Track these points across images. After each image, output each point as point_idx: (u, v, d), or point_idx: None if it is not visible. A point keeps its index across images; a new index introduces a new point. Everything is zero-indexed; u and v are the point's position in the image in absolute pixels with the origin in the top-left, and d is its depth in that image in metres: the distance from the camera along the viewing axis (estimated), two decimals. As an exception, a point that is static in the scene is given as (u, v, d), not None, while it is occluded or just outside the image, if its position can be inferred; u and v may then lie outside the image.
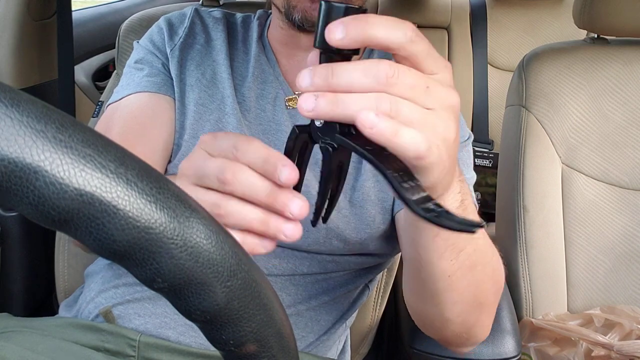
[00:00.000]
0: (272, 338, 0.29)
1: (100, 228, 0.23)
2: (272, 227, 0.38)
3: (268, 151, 0.38)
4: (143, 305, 0.69)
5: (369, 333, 0.97)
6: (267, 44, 0.80)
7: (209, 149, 0.40)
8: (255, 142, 0.39)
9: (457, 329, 0.61)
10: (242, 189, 0.38)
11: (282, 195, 0.38)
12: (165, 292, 0.26)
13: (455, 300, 0.56)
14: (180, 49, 0.78)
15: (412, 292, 0.63)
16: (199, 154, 0.41)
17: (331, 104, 0.34)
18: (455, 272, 0.52)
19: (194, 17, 0.81)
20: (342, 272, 0.77)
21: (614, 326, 0.93)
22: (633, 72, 1.03)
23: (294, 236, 0.39)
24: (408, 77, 0.35)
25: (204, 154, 0.40)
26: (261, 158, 0.38)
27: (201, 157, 0.40)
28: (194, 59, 0.77)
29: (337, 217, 0.72)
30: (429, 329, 0.66)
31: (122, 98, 0.75)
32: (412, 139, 0.34)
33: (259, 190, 0.38)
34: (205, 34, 0.80)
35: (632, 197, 1.03)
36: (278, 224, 0.38)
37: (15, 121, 0.21)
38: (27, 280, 1.10)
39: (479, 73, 2.11)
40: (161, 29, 0.81)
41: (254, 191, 0.38)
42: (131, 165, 0.24)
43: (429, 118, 0.35)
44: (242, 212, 0.38)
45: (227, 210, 0.38)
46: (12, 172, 0.21)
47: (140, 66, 0.78)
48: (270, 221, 0.38)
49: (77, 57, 1.47)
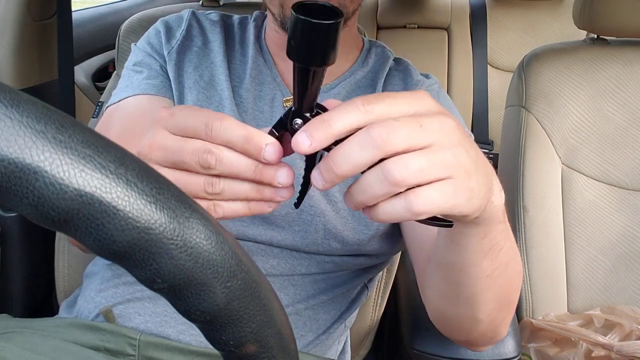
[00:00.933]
0: (272, 338, 0.29)
1: (100, 229, 0.23)
2: (267, 193, 0.39)
3: (246, 130, 0.37)
4: (143, 304, 0.69)
5: (368, 333, 0.97)
6: (264, 46, 0.80)
7: (171, 128, 0.39)
8: (228, 119, 0.38)
9: (486, 328, 0.60)
10: (228, 170, 0.38)
11: (266, 170, 0.38)
12: (165, 292, 0.26)
13: (489, 299, 0.56)
14: (177, 51, 0.78)
15: (443, 296, 0.61)
16: (161, 134, 0.39)
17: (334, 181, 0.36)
18: (494, 271, 0.52)
19: (191, 20, 0.82)
20: (341, 272, 0.77)
21: (614, 327, 0.93)
22: (633, 73, 1.03)
23: (288, 196, 0.40)
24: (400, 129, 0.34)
25: (166, 134, 0.39)
26: (241, 137, 0.37)
27: (167, 138, 0.39)
28: (192, 61, 0.77)
29: (335, 218, 0.72)
30: (455, 332, 0.65)
31: (120, 100, 0.75)
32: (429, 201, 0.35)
33: (245, 169, 0.38)
34: (202, 36, 0.80)
35: (632, 197, 1.03)
36: (271, 190, 0.39)
37: (15, 121, 0.21)
38: (27, 280, 1.10)
39: (479, 73, 2.11)
40: (158, 32, 0.81)
41: (240, 171, 0.38)
42: (131, 165, 0.24)
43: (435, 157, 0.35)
44: (235, 187, 0.39)
45: (221, 189, 0.39)
46: (12, 172, 0.21)
47: (139, 69, 0.78)
48: (264, 188, 0.39)
49: (77, 58, 1.47)
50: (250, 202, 0.40)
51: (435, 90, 0.80)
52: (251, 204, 0.40)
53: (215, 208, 0.40)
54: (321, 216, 0.71)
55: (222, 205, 0.40)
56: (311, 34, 0.34)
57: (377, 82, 0.79)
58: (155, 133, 0.40)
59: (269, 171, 0.38)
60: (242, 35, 0.82)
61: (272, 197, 0.39)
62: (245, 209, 0.40)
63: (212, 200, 0.40)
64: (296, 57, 0.36)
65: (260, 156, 0.37)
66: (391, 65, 0.82)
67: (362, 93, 0.78)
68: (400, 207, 0.35)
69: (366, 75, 0.80)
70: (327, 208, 0.72)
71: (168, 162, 0.39)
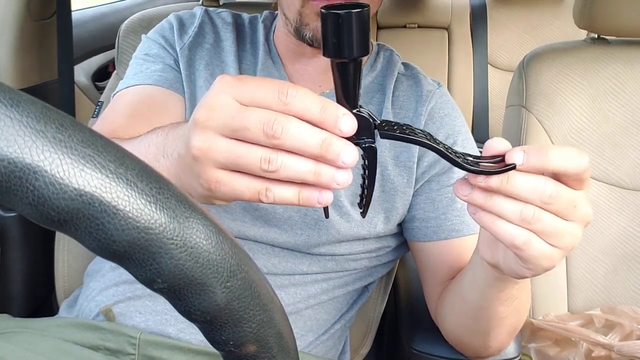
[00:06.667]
0: (272, 338, 0.29)
1: (100, 228, 0.23)
2: (325, 176, 0.37)
3: (322, 98, 0.36)
4: (144, 302, 0.69)
5: (369, 333, 0.96)
6: (272, 47, 0.79)
7: (240, 97, 0.37)
8: (303, 89, 0.36)
9: (494, 351, 0.70)
10: (291, 143, 0.35)
11: (333, 145, 0.36)
12: (165, 292, 0.26)
13: (500, 332, 0.65)
14: (189, 48, 0.78)
15: (461, 327, 0.70)
16: (227, 101, 0.37)
17: (484, 201, 0.41)
18: (508, 315, 0.61)
19: (203, 17, 0.82)
20: (342, 272, 0.77)
21: (614, 327, 0.93)
22: (633, 72, 1.03)
23: (346, 183, 0.37)
24: (565, 197, 0.40)
25: (231, 102, 0.37)
26: (319, 105, 0.36)
27: (232, 106, 0.37)
28: (203, 59, 0.77)
29: (339, 223, 0.72)
30: (466, 351, 0.73)
31: (131, 86, 0.75)
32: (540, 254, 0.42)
33: (311, 142, 0.36)
34: (214, 34, 0.80)
35: (632, 197, 1.02)
36: (330, 172, 0.37)
37: (15, 121, 0.21)
38: (27, 280, 1.10)
39: (479, 73, 2.11)
40: (172, 26, 0.80)
41: (305, 144, 0.36)
42: (131, 165, 0.24)
43: (562, 229, 0.41)
44: (294, 165, 0.36)
45: (278, 165, 0.36)
46: (11, 172, 0.21)
47: (151, 59, 0.77)
48: (322, 171, 0.37)
49: (77, 57, 1.46)
50: (302, 188, 0.38)
51: (446, 101, 0.79)
52: (302, 193, 0.38)
53: (267, 192, 0.38)
54: (325, 220, 0.71)
55: (273, 190, 0.37)
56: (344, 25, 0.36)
57: (386, 87, 0.78)
58: (218, 97, 0.37)
59: (335, 147, 0.36)
60: (252, 35, 0.81)
61: (329, 182, 0.37)
62: (295, 197, 0.38)
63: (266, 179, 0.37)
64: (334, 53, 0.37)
65: (336, 126, 0.36)
66: (399, 70, 0.81)
67: (370, 98, 0.77)
68: (512, 236, 0.41)
69: (374, 80, 0.79)
70: (331, 212, 0.71)
71: (227, 129, 0.36)
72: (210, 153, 0.37)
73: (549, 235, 0.41)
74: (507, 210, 0.40)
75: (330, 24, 0.36)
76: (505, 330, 0.65)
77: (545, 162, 0.39)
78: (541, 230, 0.41)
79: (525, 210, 0.40)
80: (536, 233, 0.41)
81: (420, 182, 0.75)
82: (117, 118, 0.71)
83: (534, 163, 0.39)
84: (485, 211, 0.41)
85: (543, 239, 0.41)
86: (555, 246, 0.42)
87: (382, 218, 0.74)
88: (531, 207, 0.40)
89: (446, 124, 0.77)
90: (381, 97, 0.77)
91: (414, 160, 0.74)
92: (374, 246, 0.76)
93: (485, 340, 0.67)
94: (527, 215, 0.40)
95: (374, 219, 0.74)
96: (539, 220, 0.40)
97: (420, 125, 0.76)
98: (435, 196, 0.74)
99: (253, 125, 0.35)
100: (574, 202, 0.41)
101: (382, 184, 0.74)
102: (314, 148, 0.36)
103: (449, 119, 0.77)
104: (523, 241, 0.41)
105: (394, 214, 0.74)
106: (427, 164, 0.74)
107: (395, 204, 0.74)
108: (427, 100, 0.77)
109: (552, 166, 0.39)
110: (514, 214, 0.40)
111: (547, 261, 0.42)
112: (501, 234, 0.41)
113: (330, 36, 0.37)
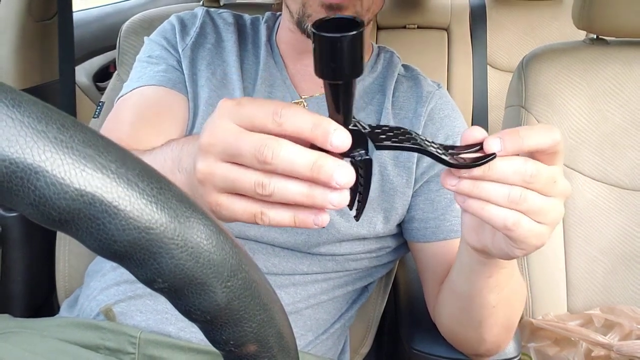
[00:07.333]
0: (272, 338, 0.29)
1: (100, 228, 0.23)
2: (319, 199, 0.37)
3: (314, 115, 0.36)
4: (144, 301, 0.69)
5: (369, 333, 0.97)
6: (275, 47, 0.80)
7: (239, 120, 0.37)
8: (295, 107, 0.37)
9: (490, 346, 0.69)
10: (283, 167, 0.36)
11: (325, 167, 0.36)
12: (166, 292, 0.26)
13: (494, 324, 0.65)
14: (191, 48, 0.78)
15: (454, 320, 0.70)
16: (227, 127, 0.37)
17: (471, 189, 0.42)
18: (499, 303, 0.61)
19: (204, 18, 0.82)
20: (342, 272, 0.77)
21: (613, 326, 0.93)
22: (632, 73, 1.03)
23: (342, 204, 0.37)
24: (544, 174, 0.42)
25: (232, 126, 0.37)
26: (310, 122, 0.36)
27: (231, 131, 0.37)
28: (205, 58, 0.77)
29: (339, 222, 0.72)
30: (464, 347, 0.73)
31: (134, 89, 0.75)
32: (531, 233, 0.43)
33: (302, 165, 0.36)
34: (216, 34, 0.80)
35: (631, 197, 1.03)
36: (323, 195, 0.37)
37: (16, 122, 0.21)
38: (28, 280, 1.10)
39: (479, 74, 2.10)
40: (174, 27, 0.81)
41: (297, 167, 0.36)
42: (132, 165, 0.24)
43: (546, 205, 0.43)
44: (286, 189, 0.36)
45: (271, 190, 0.36)
46: (13, 172, 0.21)
47: (154, 61, 0.78)
48: (315, 193, 0.37)
49: (78, 58, 1.47)
50: (297, 212, 0.38)
51: (446, 102, 0.80)
52: (297, 215, 0.38)
53: (262, 216, 0.38)
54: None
55: (268, 214, 0.38)
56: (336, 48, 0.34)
57: (386, 88, 0.78)
58: (218, 123, 0.38)
59: (326, 169, 0.36)
60: (254, 36, 0.81)
61: (323, 204, 0.37)
62: (291, 220, 0.38)
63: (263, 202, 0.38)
64: (324, 74, 0.35)
65: (328, 141, 0.36)
66: (399, 71, 0.81)
67: (371, 98, 0.78)
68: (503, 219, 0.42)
69: (374, 81, 0.80)
70: (332, 212, 0.72)
71: (226, 155, 0.37)
72: (211, 178, 0.38)
73: (536, 213, 0.43)
74: (495, 195, 0.42)
75: (323, 46, 0.34)
76: (498, 321, 0.64)
77: (520, 144, 0.41)
78: (528, 209, 0.42)
79: (512, 192, 0.42)
80: (524, 213, 0.42)
81: (419, 182, 0.75)
82: (120, 126, 0.71)
83: (511, 147, 0.41)
84: (474, 198, 0.42)
85: (531, 217, 0.43)
86: (543, 223, 0.43)
87: (381, 218, 0.74)
88: (517, 188, 0.42)
89: (446, 125, 0.77)
90: (381, 98, 0.77)
91: (414, 161, 0.74)
92: (374, 246, 0.77)
93: (480, 333, 0.66)
94: (514, 197, 0.42)
95: (373, 219, 0.74)
96: (525, 200, 0.42)
97: (420, 126, 0.76)
98: (435, 197, 0.74)
99: (245, 151, 0.36)
100: (554, 177, 0.43)
101: (381, 184, 0.74)
102: (305, 170, 0.36)
103: (448, 120, 0.77)
104: (513, 222, 0.42)
105: (393, 214, 0.75)
106: (427, 165, 0.75)
107: (394, 204, 0.74)
108: (427, 101, 0.77)
109: (528, 145, 0.41)
110: (502, 197, 0.42)
111: (537, 239, 0.44)
112: (493, 218, 0.42)
113: (322, 58, 0.35)
